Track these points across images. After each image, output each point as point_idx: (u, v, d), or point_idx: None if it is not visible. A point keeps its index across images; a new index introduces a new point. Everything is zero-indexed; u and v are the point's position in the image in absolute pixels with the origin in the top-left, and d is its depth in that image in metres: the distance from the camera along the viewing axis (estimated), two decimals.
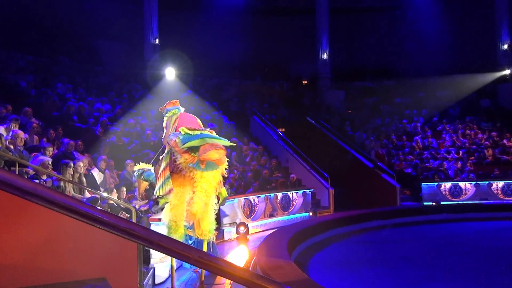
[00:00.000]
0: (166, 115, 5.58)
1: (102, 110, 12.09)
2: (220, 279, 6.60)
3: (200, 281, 5.68)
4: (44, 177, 5.52)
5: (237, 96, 18.30)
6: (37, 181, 5.09)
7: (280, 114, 17.77)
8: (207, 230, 5.22)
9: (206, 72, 18.83)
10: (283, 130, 15.91)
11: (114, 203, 6.16)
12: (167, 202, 5.41)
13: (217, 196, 5.56)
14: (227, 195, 6.00)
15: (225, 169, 5.16)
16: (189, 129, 4.95)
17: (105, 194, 6.35)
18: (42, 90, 11.87)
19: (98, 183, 7.49)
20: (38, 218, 4.84)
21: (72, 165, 6.53)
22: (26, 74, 12.74)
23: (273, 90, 20.20)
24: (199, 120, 5.69)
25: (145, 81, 16.64)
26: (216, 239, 7.83)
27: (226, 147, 4.99)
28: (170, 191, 5.13)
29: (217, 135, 5.16)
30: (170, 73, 16.30)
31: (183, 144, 4.76)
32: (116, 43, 18.19)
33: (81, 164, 6.77)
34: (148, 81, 16.68)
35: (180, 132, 5.01)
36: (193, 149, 4.79)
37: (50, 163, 5.95)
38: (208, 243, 6.21)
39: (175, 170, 5.06)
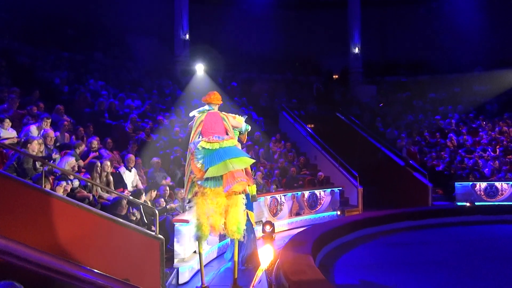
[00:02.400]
0: (197, 113, 5.67)
1: (132, 106, 12.25)
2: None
3: (233, 279, 5.77)
4: (72, 178, 5.64)
5: (267, 91, 18.21)
6: (64, 182, 5.21)
7: (310, 109, 17.56)
8: (234, 231, 5.45)
9: (236, 67, 18.82)
10: (312, 126, 15.72)
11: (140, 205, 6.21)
12: None
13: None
14: (255, 193, 6.08)
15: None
16: (208, 142, 5.18)
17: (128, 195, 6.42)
18: (75, 86, 12.15)
19: (126, 181, 7.60)
20: (69, 218, 4.96)
21: (99, 164, 6.63)
22: (61, 70, 13.06)
23: (303, 86, 19.97)
24: (226, 122, 5.60)
25: (176, 76, 16.79)
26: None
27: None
28: (196, 193, 5.36)
29: (238, 147, 5.23)
30: (200, 69, 16.37)
31: (206, 169, 5.04)
32: (147, 38, 18.38)
33: (108, 163, 6.88)
34: (179, 76, 16.82)
35: (199, 142, 5.22)
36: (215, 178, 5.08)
37: (75, 163, 6.07)
38: (241, 243, 6.30)
39: None
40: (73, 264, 1.31)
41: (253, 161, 5.37)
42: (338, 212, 11.47)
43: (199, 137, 5.37)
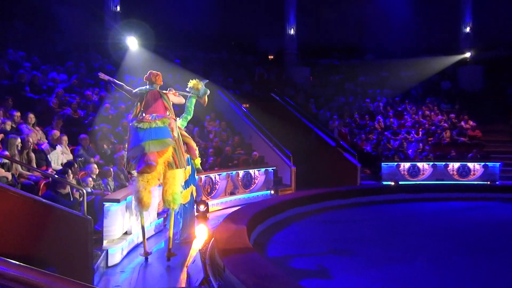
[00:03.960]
0: (138, 91, 5.92)
1: (58, 80, 11.47)
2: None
3: (168, 249, 6.10)
4: None
5: (202, 69, 17.83)
6: None
7: (245, 89, 17.48)
8: (170, 201, 5.90)
9: (170, 43, 18.21)
10: (247, 106, 15.68)
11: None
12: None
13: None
14: (199, 166, 7.05)
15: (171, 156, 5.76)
16: (139, 121, 5.54)
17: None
18: None
19: (50, 159, 7.10)
20: None
21: (19, 140, 6.11)
22: None
23: (239, 65, 19.79)
24: (166, 100, 5.90)
25: (106, 50, 15.90)
26: None
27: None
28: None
29: (171, 125, 5.67)
30: (132, 43, 15.60)
31: (130, 148, 5.56)
32: (75, 9, 17.19)
33: (30, 139, 6.36)
34: (109, 50, 15.96)
35: (135, 119, 5.63)
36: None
37: None
38: (177, 213, 6.78)
39: None
40: None
41: (170, 144, 5.64)
42: (272, 191, 11.60)
43: (142, 115, 5.68)
